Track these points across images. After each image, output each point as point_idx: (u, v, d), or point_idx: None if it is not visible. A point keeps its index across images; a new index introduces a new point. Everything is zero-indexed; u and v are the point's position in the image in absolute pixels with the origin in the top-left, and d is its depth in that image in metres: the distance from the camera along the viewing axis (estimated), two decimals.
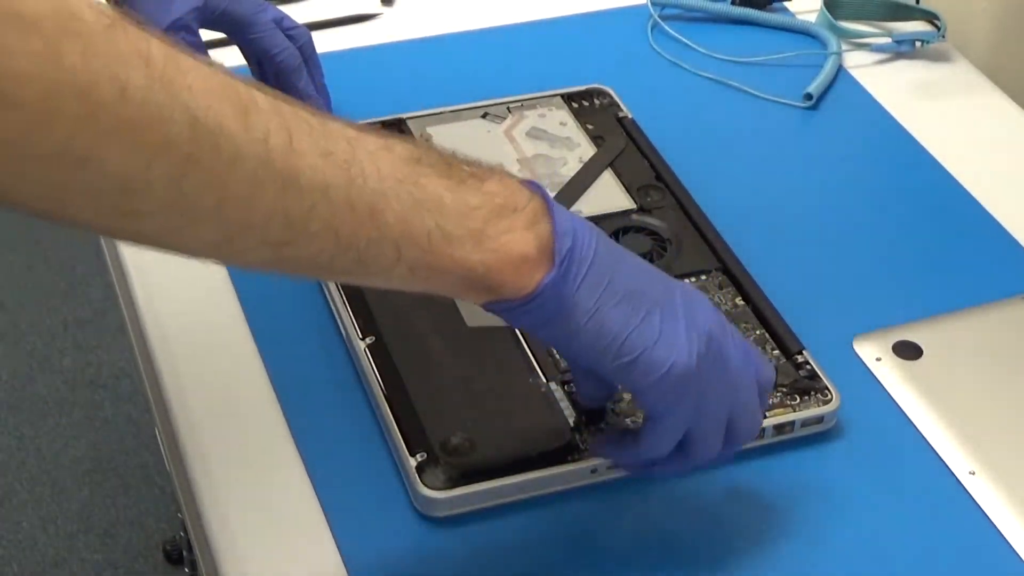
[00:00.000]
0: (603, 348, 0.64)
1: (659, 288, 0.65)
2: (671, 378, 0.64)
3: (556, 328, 0.63)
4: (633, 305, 0.64)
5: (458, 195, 0.60)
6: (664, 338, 0.64)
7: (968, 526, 0.73)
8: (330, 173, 0.56)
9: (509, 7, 1.13)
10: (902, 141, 1.01)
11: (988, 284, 0.88)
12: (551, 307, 0.62)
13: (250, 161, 0.53)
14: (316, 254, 0.57)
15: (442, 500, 0.71)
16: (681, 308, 0.65)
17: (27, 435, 1.86)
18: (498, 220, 0.61)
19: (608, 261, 0.64)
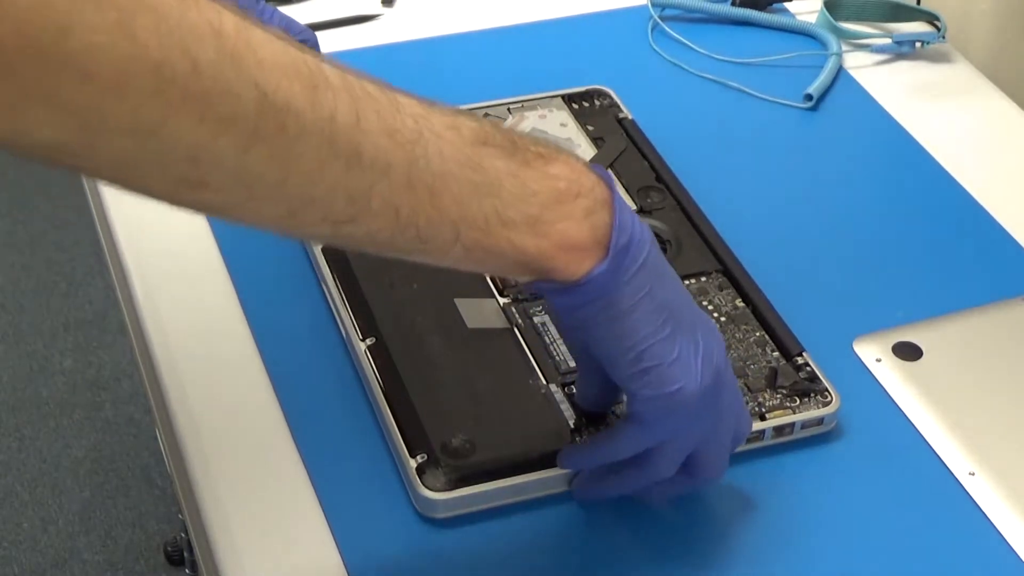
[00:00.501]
0: (625, 349, 0.64)
1: (687, 312, 0.66)
2: (676, 399, 0.65)
3: (589, 316, 0.64)
4: (664, 318, 0.64)
5: (519, 178, 0.60)
6: (681, 359, 0.64)
7: (968, 527, 0.74)
8: (393, 152, 0.56)
9: (509, 8, 1.13)
10: (902, 142, 1.01)
11: (988, 285, 0.88)
12: (593, 295, 0.63)
13: (315, 138, 0.53)
14: (376, 231, 0.58)
15: (442, 501, 0.71)
16: (701, 337, 0.66)
17: (27, 436, 1.86)
18: (557, 206, 0.61)
19: (655, 269, 0.64)
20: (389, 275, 0.83)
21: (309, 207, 0.55)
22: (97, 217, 0.99)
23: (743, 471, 0.75)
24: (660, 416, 0.66)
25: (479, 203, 0.59)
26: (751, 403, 0.77)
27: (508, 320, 0.81)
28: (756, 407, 0.77)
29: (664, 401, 0.65)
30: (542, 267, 0.62)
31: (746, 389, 0.78)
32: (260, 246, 0.89)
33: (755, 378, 0.78)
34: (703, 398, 0.65)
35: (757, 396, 0.77)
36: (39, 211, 2.18)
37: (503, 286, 0.83)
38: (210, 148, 0.51)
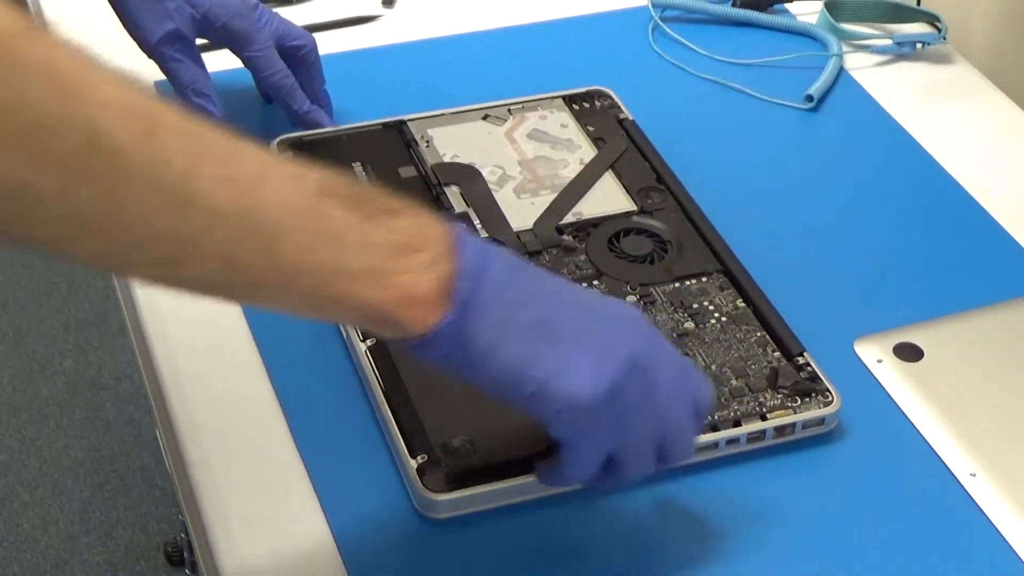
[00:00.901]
0: (505, 383, 0.64)
1: (577, 316, 0.65)
2: (574, 410, 0.63)
3: (457, 365, 0.63)
4: (539, 337, 0.63)
5: (362, 230, 0.60)
6: (569, 369, 0.63)
7: (969, 528, 0.73)
8: (229, 199, 0.56)
9: (510, 9, 1.13)
10: (903, 143, 1.01)
11: (989, 286, 0.88)
12: (448, 347, 0.62)
13: (146, 182, 0.53)
14: (207, 276, 0.57)
15: (443, 502, 0.71)
16: (600, 336, 0.64)
17: (28, 436, 1.86)
18: (399, 258, 0.60)
19: (519, 293, 0.64)
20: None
21: (138, 248, 0.55)
22: None
23: (744, 471, 0.75)
24: (572, 430, 0.65)
25: (319, 254, 0.59)
26: (751, 403, 0.77)
27: None
28: (757, 407, 0.77)
29: (564, 416, 0.64)
30: (388, 320, 0.61)
31: (747, 389, 0.77)
32: None
33: (756, 378, 0.78)
34: (601, 403, 0.64)
35: (758, 396, 0.77)
36: None
37: None
38: (35, 184, 0.51)
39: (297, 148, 0.93)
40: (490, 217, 0.88)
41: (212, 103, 0.93)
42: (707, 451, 0.75)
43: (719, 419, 0.76)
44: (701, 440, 0.75)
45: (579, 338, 0.64)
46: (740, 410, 0.76)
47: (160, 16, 0.91)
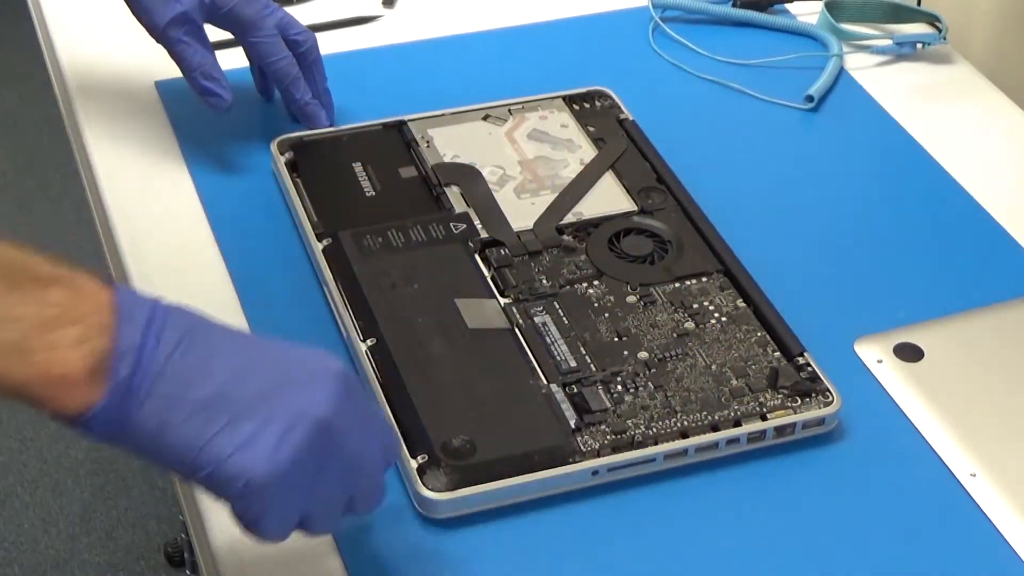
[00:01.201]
0: (177, 465, 0.60)
1: (259, 384, 0.61)
2: (253, 488, 0.60)
3: (123, 445, 0.60)
4: (212, 413, 0.59)
5: (3, 303, 0.57)
6: (247, 447, 0.59)
7: (969, 528, 0.73)
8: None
9: (510, 9, 1.13)
10: (903, 143, 1.01)
11: (989, 286, 0.88)
12: (107, 429, 0.59)
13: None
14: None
15: (443, 502, 0.71)
16: (284, 402, 0.60)
17: (28, 437, 1.86)
18: (44, 333, 0.57)
19: (191, 368, 0.59)
20: (390, 276, 0.83)
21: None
22: (97, 218, 0.99)
23: (744, 471, 0.75)
24: (257, 508, 0.61)
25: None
26: (752, 403, 0.77)
27: (509, 320, 0.81)
28: (757, 407, 0.77)
29: (246, 495, 0.60)
30: (31, 399, 0.58)
31: (747, 389, 0.78)
32: (261, 247, 0.89)
33: (756, 378, 0.78)
34: (283, 476, 0.60)
35: (758, 396, 0.77)
36: (39, 211, 2.18)
37: (504, 286, 0.83)
38: None
39: (297, 148, 0.94)
40: (490, 217, 0.88)
41: (221, 86, 0.93)
42: (707, 451, 0.75)
43: (719, 419, 0.76)
44: (702, 440, 0.75)
45: (258, 410, 0.60)
46: (740, 410, 0.76)
47: (169, 0, 0.91)
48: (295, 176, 0.92)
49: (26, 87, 2.44)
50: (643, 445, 0.74)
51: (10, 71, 2.50)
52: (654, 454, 0.74)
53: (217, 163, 0.96)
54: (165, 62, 0.94)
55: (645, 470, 0.75)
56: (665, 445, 0.74)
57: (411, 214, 0.89)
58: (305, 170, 0.92)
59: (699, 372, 0.78)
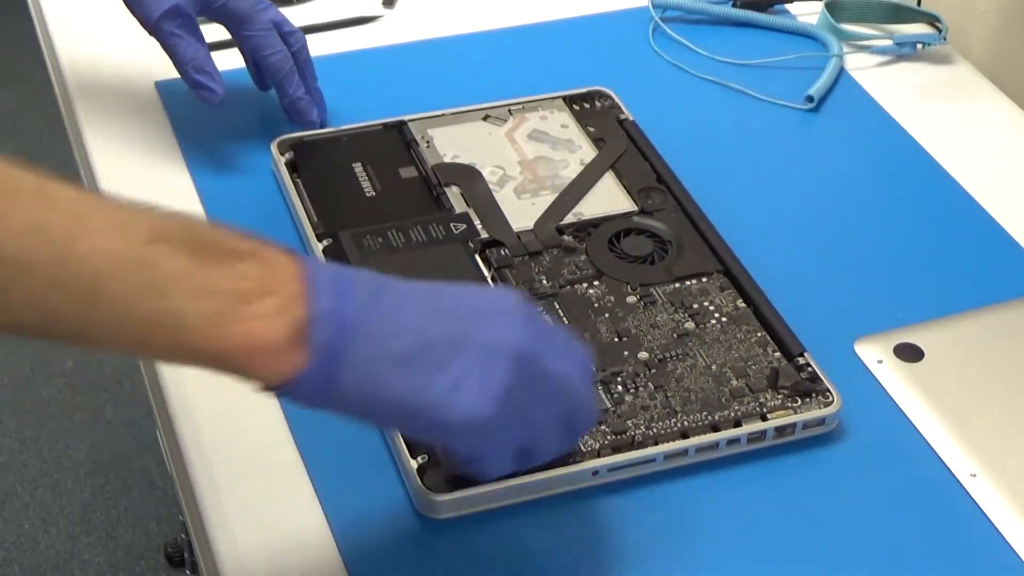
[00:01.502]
0: (393, 420, 0.62)
1: (452, 327, 0.62)
2: (472, 427, 0.62)
3: (332, 410, 0.61)
4: (415, 363, 0.61)
5: (198, 278, 0.57)
6: (458, 389, 0.61)
7: (970, 528, 0.73)
8: (38, 251, 0.55)
9: (510, 9, 1.13)
10: (903, 143, 1.01)
11: (989, 286, 0.88)
12: (316, 394, 0.60)
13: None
14: (21, 322, 0.56)
15: (443, 502, 0.71)
16: (480, 340, 0.62)
17: (29, 437, 1.86)
18: (244, 305, 0.58)
19: (386, 322, 0.61)
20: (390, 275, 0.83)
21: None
22: None
23: (744, 471, 0.75)
24: (478, 443, 0.64)
25: (145, 304, 0.57)
26: (752, 403, 0.77)
27: None
28: (757, 407, 0.77)
29: (467, 434, 0.62)
30: (234, 368, 0.59)
31: (747, 389, 0.78)
32: None
33: (756, 378, 0.78)
34: (514, 393, 0.62)
35: (759, 396, 0.77)
36: None
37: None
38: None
39: (297, 149, 0.94)
40: (490, 217, 0.88)
41: (213, 80, 0.93)
42: (708, 451, 0.75)
43: (720, 419, 0.76)
44: (702, 440, 0.75)
45: (459, 352, 0.61)
46: (741, 410, 0.76)
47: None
48: (295, 176, 0.92)
49: (26, 87, 2.44)
50: (643, 445, 0.74)
51: (10, 71, 2.50)
52: (654, 454, 0.74)
53: (217, 163, 0.96)
54: (165, 62, 0.94)
55: (645, 470, 0.75)
56: (665, 445, 0.74)
57: (411, 214, 0.89)
58: (305, 170, 0.92)
59: (699, 372, 0.79)
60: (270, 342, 0.58)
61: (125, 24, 0.96)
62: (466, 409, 0.61)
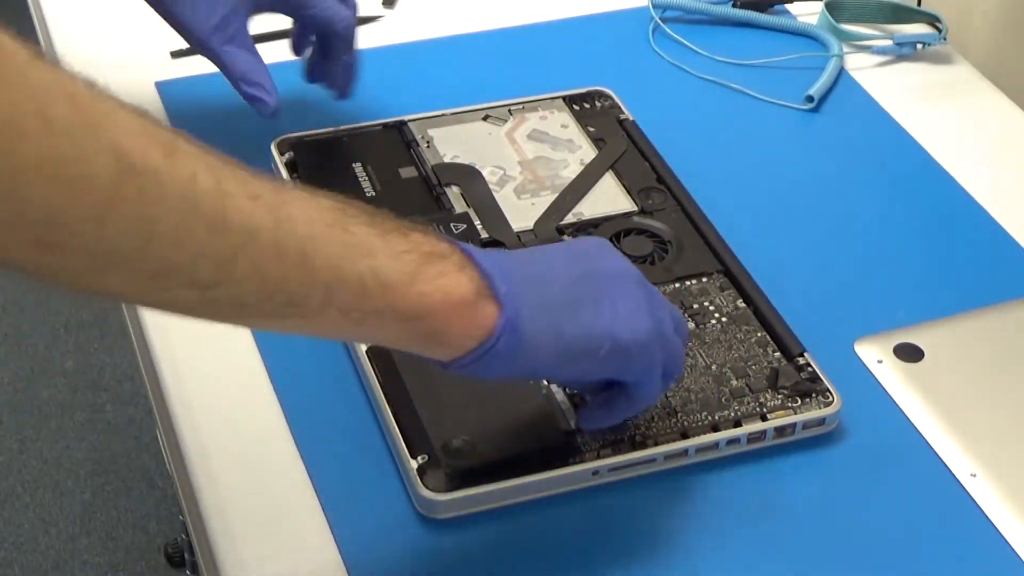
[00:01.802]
0: (575, 357, 0.65)
1: (583, 265, 0.67)
2: (645, 347, 0.67)
3: (524, 365, 0.64)
4: (576, 302, 0.65)
5: (387, 241, 0.60)
6: (618, 317, 0.66)
7: (970, 528, 0.73)
8: (258, 216, 0.55)
9: (510, 10, 1.13)
10: (903, 143, 1.01)
11: (990, 287, 0.88)
12: (510, 349, 0.63)
13: (177, 201, 0.53)
14: (243, 296, 0.57)
15: (443, 502, 0.71)
16: (609, 270, 0.67)
17: (29, 437, 1.86)
18: (429, 265, 0.61)
19: (536, 276, 0.65)
20: None
21: (174, 271, 0.54)
22: None
23: (744, 471, 0.75)
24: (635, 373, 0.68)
25: (353, 264, 0.58)
26: (752, 403, 0.77)
27: None
28: (757, 407, 0.77)
29: (629, 366, 0.67)
30: (431, 329, 0.61)
31: (747, 389, 0.78)
32: None
33: (756, 378, 0.78)
34: (653, 327, 0.67)
35: (759, 396, 0.77)
36: None
37: None
38: (68, 211, 0.50)
39: (297, 148, 0.94)
40: (491, 218, 0.88)
41: (266, 91, 0.91)
42: (708, 451, 0.75)
43: (719, 419, 0.76)
44: (702, 440, 0.75)
45: (601, 285, 0.66)
46: (741, 410, 0.76)
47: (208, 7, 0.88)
48: (295, 176, 0.92)
49: None
50: (643, 445, 0.74)
51: None
52: (654, 454, 0.74)
53: None
54: (165, 63, 0.94)
55: (645, 470, 0.75)
56: (665, 445, 0.74)
57: (411, 214, 0.88)
58: (305, 170, 0.92)
59: (699, 372, 0.78)
60: (464, 295, 0.61)
61: (125, 24, 0.96)
62: (633, 329, 0.66)
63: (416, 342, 0.63)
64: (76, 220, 0.51)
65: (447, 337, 0.62)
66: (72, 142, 0.49)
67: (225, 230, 0.54)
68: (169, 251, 0.53)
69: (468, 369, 0.63)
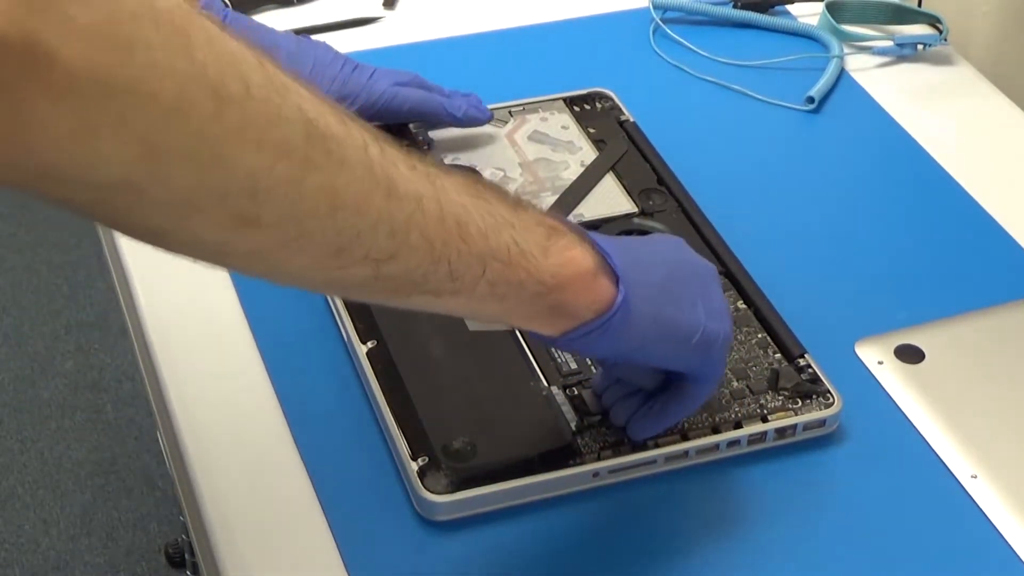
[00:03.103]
0: (670, 340, 0.67)
1: (673, 256, 0.69)
2: (727, 341, 0.69)
3: (629, 341, 0.65)
4: (672, 291, 0.67)
5: (518, 214, 0.61)
6: (708, 310, 0.68)
7: (970, 529, 0.73)
8: (421, 184, 0.56)
9: (511, 11, 1.13)
10: (904, 144, 1.01)
11: (990, 288, 0.88)
12: (623, 323, 0.64)
13: (357, 167, 0.54)
14: (413, 269, 0.57)
15: (444, 504, 0.71)
16: (697, 267, 0.70)
17: (29, 438, 1.86)
18: (557, 237, 0.63)
19: (640, 255, 0.67)
20: None
21: (355, 243, 0.55)
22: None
23: (745, 472, 0.75)
24: (710, 367, 0.70)
25: (499, 234, 0.60)
26: (753, 405, 0.77)
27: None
28: (758, 409, 0.77)
29: (710, 358, 0.69)
30: (559, 300, 0.62)
31: (748, 391, 0.78)
32: None
33: (757, 380, 0.78)
34: (730, 328, 0.70)
35: (759, 398, 0.77)
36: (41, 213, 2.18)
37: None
38: (268, 177, 0.50)
39: None
40: None
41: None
42: (708, 453, 0.75)
43: (720, 421, 0.76)
44: (702, 442, 0.75)
45: (690, 280, 0.69)
46: (741, 412, 0.76)
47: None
48: None
49: None
50: (643, 447, 0.74)
51: None
52: (655, 456, 0.74)
53: None
54: None
55: (646, 472, 0.75)
56: (666, 447, 0.74)
57: None
58: None
59: None
60: (588, 267, 0.63)
61: None
62: (720, 323, 0.68)
63: (541, 315, 0.64)
64: (274, 188, 0.51)
65: (571, 309, 0.63)
66: (269, 105, 0.50)
67: (398, 196, 0.55)
68: (353, 219, 0.54)
69: (577, 343, 0.65)
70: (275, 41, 0.89)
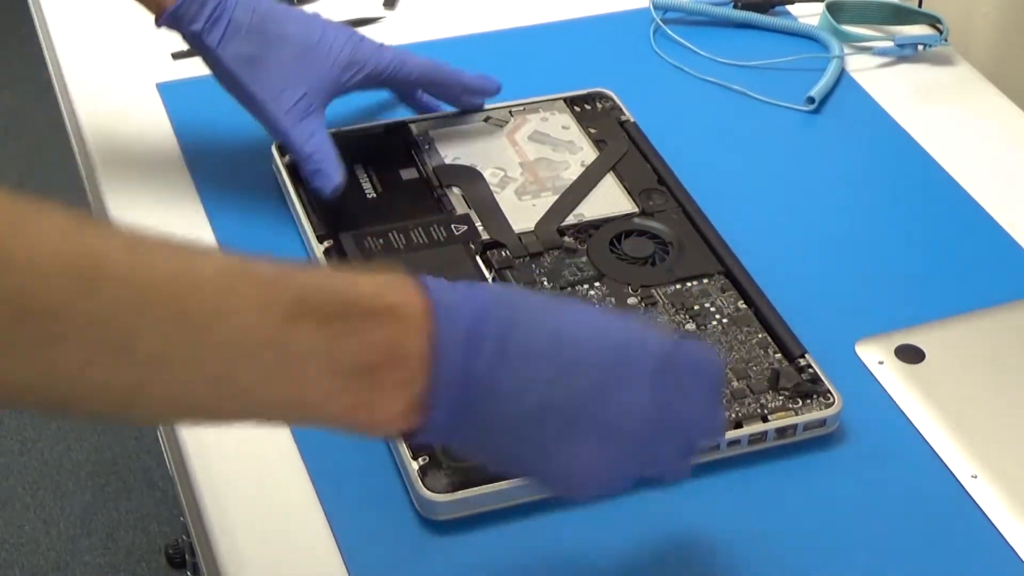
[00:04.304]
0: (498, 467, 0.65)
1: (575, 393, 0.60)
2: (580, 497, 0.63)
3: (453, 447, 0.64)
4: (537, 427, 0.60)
5: (333, 355, 0.56)
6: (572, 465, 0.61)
7: (970, 530, 0.73)
8: (178, 342, 0.53)
9: (511, 11, 1.13)
10: (904, 145, 1.01)
11: (991, 288, 0.88)
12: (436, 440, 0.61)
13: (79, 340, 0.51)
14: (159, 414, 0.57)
15: (444, 503, 0.71)
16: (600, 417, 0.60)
17: (29, 438, 1.86)
18: (368, 378, 0.57)
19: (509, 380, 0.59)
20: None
21: (80, 401, 0.54)
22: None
23: (745, 472, 0.75)
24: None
25: (276, 390, 0.56)
26: (753, 404, 0.77)
27: None
28: (758, 408, 0.77)
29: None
30: (361, 431, 0.59)
31: (748, 390, 0.78)
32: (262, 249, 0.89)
33: (757, 380, 0.78)
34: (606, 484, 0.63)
35: (759, 398, 0.77)
36: None
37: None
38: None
39: None
40: (491, 219, 0.88)
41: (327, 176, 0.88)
42: (709, 452, 0.75)
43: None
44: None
45: (578, 428, 0.60)
46: (741, 412, 0.76)
47: (293, 86, 0.88)
48: (296, 178, 0.92)
49: (26, 88, 2.44)
50: None
51: (10, 72, 2.50)
52: None
53: (218, 165, 0.96)
54: (166, 63, 0.94)
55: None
56: None
57: (412, 216, 0.89)
58: None
59: None
60: (391, 414, 0.58)
61: (125, 25, 0.96)
62: (577, 488, 0.62)
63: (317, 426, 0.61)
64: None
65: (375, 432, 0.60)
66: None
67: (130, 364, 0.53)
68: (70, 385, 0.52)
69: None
70: (286, 14, 0.89)
